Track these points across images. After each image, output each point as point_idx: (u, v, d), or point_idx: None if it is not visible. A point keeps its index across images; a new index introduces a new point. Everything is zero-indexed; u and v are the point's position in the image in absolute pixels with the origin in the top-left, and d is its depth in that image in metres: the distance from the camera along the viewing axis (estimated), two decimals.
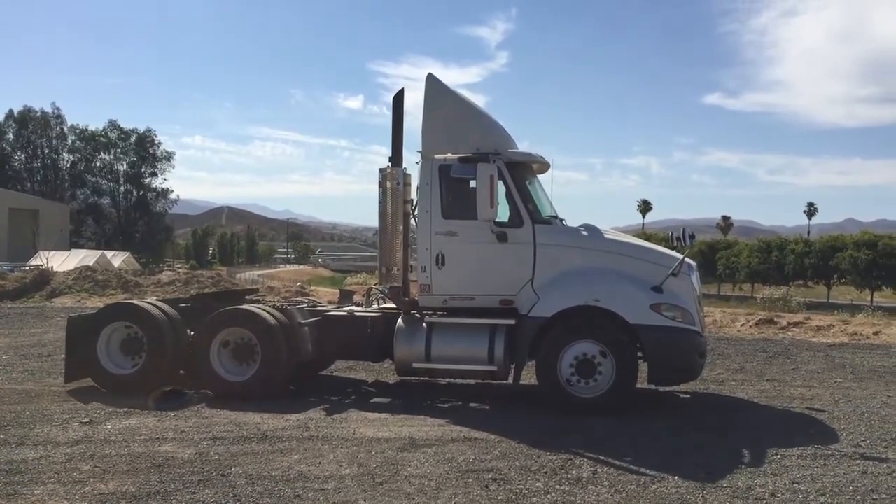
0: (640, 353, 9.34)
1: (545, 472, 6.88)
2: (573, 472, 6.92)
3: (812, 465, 7.14)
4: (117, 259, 54.37)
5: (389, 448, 7.63)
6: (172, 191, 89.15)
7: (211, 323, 10.11)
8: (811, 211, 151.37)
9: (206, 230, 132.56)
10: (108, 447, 7.59)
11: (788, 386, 11.19)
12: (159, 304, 10.72)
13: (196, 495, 6.22)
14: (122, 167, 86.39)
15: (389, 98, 10.63)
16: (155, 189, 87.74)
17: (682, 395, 10.57)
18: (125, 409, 9.17)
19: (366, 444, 7.80)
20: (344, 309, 11.01)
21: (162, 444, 7.74)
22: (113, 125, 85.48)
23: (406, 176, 10.40)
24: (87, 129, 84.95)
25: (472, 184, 9.65)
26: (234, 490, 6.35)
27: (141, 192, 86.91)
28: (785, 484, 6.59)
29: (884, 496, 6.28)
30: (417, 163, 10.17)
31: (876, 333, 17.57)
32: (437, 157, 9.94)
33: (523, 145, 10.69)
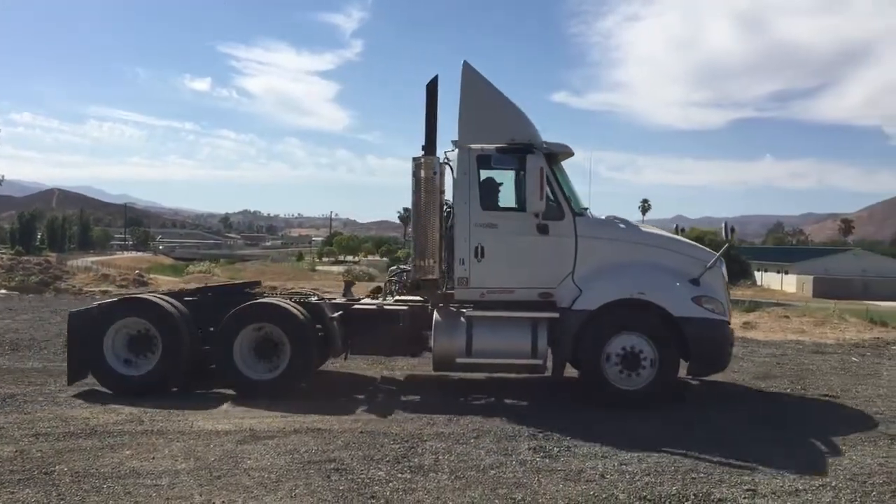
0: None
1: (387, 461, 6.92)
2: (415, 459, 7.00)
3: (639, 448, 7.53)
4: None
5: (229, 441, 7.43)
6: None
7: (235, 319, 9.50)
8: (645, 207, 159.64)
9: (34, 213, 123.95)
10: None
11: None
12: (169, 299, 9.97)
13: (15, 495, 5.84)
14: None
15: (240, 82, 10.38)
16: None
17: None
18: None
19: (204, 437, 7.56)
20: (373, 303, 10.57)
21: None
22: None
23: (441, 165, 9.91)
24: None
25: (501, 174, 9.75)
26: (58, 489, 6.00)
27: None
28: (614, 465, 6.94)
29: (702, 474, 6.73)
30: (447, 152, 10.00)
31: None
32: (474, 146, 9.71)
33: (374, 135, 10.63)
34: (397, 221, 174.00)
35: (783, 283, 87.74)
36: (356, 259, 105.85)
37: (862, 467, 6.97)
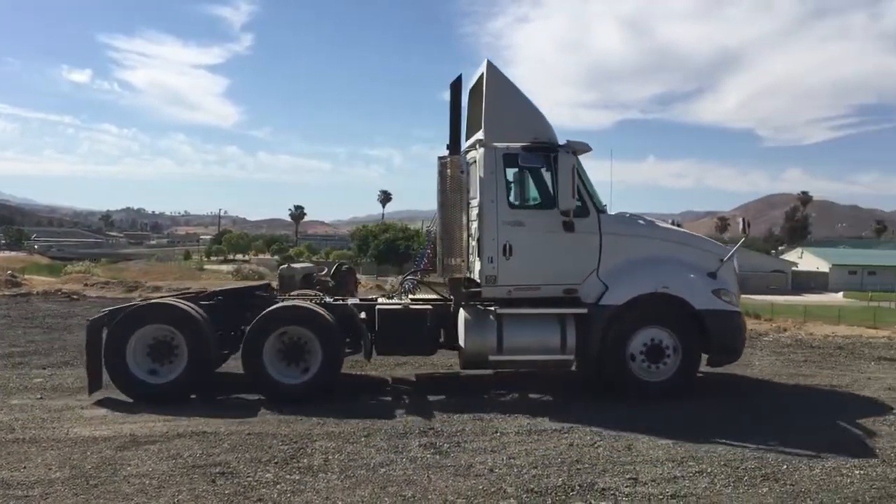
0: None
1: (276, 463, 6.80)
2: (304, 460, 6.91)
3: (527, 441, 7.69)
4: None
5: (108, 447, 7.14)
6: None
7: (266, 322, 9.17)
8: None
9: None
10: None
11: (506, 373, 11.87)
12: (189, 303, 9.45)
13: None
14: None
15: (121, 74, 9.99)
16: None
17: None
18: None
19: (80, 444, 7.25)
20: (398, 303, 10.36)
21: None
22: None
23: (467, 165, 9.84)
24: None
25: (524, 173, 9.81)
26: None
27: None
28: (503, 459, 7.05)
29: (586, 465, 6.93)
30: (467, 151, 9.98)
31: None
32: (499, 145, 9.65)
33: (264, 131, 10.47)
34: (288, 219, 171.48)
35: None
36: (246, 258, 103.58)
37: (736, 454, 7.31)
